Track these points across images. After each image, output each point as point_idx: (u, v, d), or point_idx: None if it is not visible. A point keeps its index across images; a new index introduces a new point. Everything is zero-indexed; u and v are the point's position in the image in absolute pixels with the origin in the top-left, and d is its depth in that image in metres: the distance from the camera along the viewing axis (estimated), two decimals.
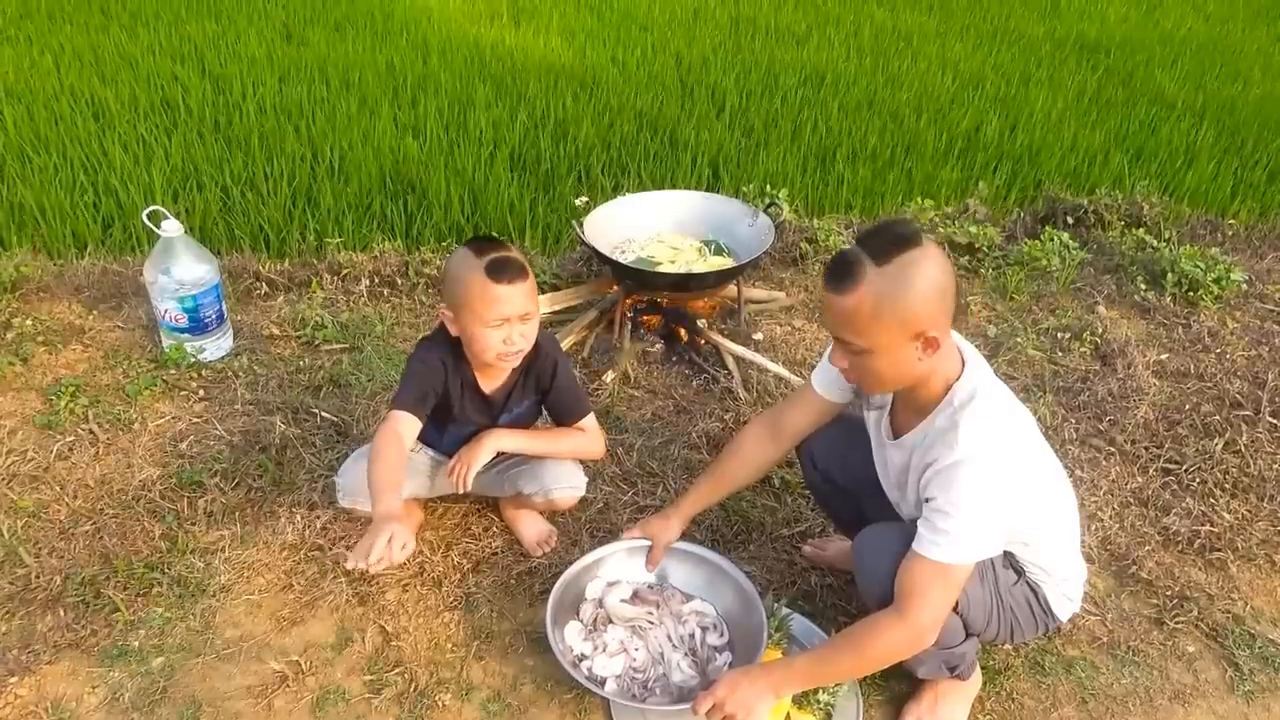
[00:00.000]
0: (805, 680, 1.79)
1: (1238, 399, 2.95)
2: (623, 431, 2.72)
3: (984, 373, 1.70)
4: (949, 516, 1.59)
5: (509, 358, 1.97)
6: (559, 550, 2.34)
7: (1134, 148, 5.17)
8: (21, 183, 3.95)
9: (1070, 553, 1.88)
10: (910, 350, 1.59)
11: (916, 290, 1.53)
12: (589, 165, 4.43)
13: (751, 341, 3.16)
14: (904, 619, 1.63)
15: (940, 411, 1.67)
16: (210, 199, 3.91)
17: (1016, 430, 1.69)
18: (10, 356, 2.86)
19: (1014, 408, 1.72)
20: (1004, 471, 1.61)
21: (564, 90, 5.42)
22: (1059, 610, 1.88)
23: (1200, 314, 3.46)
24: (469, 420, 2.12)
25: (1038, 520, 1.77)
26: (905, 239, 1.54)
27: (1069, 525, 1.87)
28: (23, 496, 2.38)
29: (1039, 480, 1.77)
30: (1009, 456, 1.63)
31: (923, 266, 1.53)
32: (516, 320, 1.91)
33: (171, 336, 2.88)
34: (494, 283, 1.85)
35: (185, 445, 2.58)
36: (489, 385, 2.09)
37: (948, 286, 1.57)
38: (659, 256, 3.12)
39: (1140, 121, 5.62)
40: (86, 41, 6.00)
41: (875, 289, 1.53)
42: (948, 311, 1.59)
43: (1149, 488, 2.64)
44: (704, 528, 2.41)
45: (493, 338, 1.91)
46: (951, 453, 1.60)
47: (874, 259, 1.53)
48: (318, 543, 2.31)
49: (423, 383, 2.01)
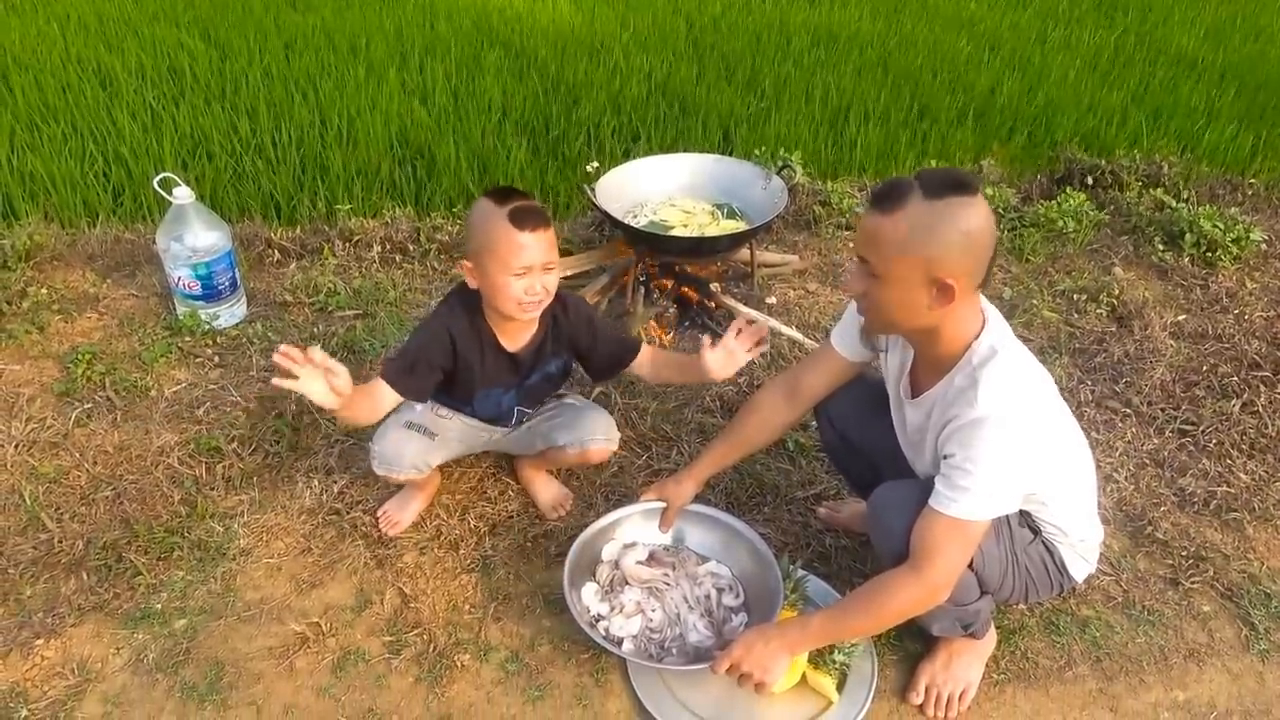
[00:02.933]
0: (821, 638, 1.80)
1: (1256, 360, 2.93)
2: (636, 396, 2.72)
3: (1004, 332, 1.68)
4: (968, 473, 1.59)
5: (530, 307, 1.93)
6: (574, 513, 2.35)
7: (1152, 107, 5.10)
8: (31, 152, 3.95)
9: (1087, 514, 1.88)
10: (922, 294, 1.57)
11: (952, 234, 1.51)
12: (599, 130, 4.40)
13: (765, 305, 3.14)
14: (919, 575, 1.64)
15: (959, 370, 1.66)
16: (220, 167, 3.91)
17: (1037, 389, 1.67)
18: (27, 325, 2.88)
19: (1034, 367, 1.71)
20: (1024, 429, 1.60)
21: (573, 54, 5.37)
22: (1074, 570, 1.88)
23: (1219, 274, 3.43)
24: (497, 381, 2.09)
25: (1055, 480, 1.77)
26: (962, 184, 1.53)
27: (1086, 486, 1.87)
28: (43, 463, 2.40)
29: (1058, 440, 1.76)
30: (1029, 414, 1.62)
31: (968, 215, 1.52)
32: (539, 269, 1.88)
33: (185, 304, 2.89)
34: (517, 230, 1.83)
35: (202, 411, 2.59)
36: (513, 343, 2.05)
37: (984, 245, 1.55)
38: (671, 220, 3.11)
39: (1160, 80, 5.53)
40: (92, 9, 5.96)
41: (914, 217, 1.52)
42: (975, 269, 1.57)
43: (1165, 449, 2.63)
44: (718, 491, 2.42)
45: (515, 287, 1.87)
46: (972, 409, 1.59)
47: (924, 191, 1.52)
48: (335, 507, 2.32)
49: (417, 354, 1.98)
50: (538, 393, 2.22)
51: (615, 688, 1.95)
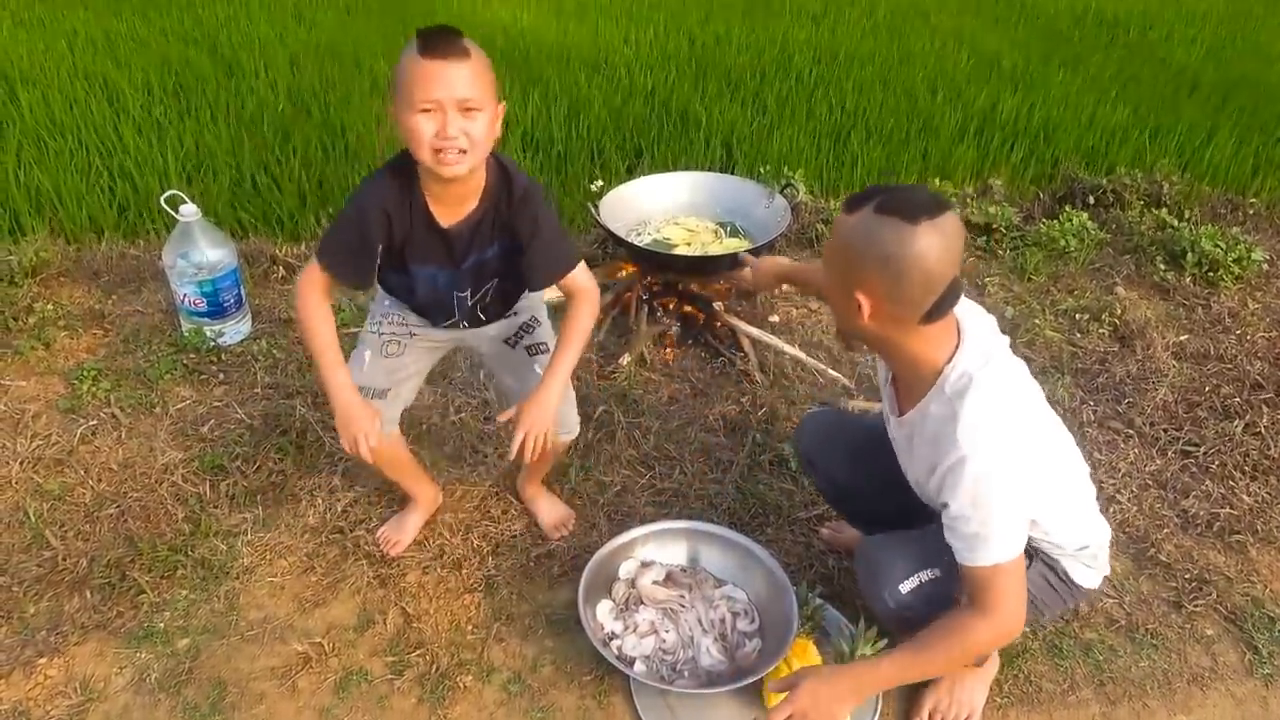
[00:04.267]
0: (891, 682, 1.74)
1: (1259, 380, 2.93)
2: (639, 414, 2.73)
3: (982, 352, 1.62)
4: (969, 520, 1.56)
5: (448, 158, 1.64)
6: (577, 533, 2.35)
7: (1153, 125, 5.12)
8: (38, 167, 3.97)
9: (1083, 522, 1.82)
10: (848, 302, 1.55)
11: (875, 252, 1.47)
12: (602, 146, 4.42)
13: (768, 323, 3.15)
14: (990, 617, 1.59)
15: (933, 398, 1.62)
16: (224, 182, 3.92)
17: (1018, 414, 1.62)
18: (33, 341, 2.89)
19: (1015, 389, 1.65)
20: (1008, 462, 1.56)
21: (577, 70, 5.40)
22: (1082, 580, 1.85)
23: (1220, 294, 3.43)
24: (428, 262, 1.85)
25: (1046, 499, 1.72)
26: (910, 208, 1.46)
27: (1079, 495, 1.82)
28: (48, 480, 2.41)
29: (1047, 460, 1.72)
30: (1011, 445, 1.57)
31: (899, 239, 1.45)
32: (452, 108, 1.60)
33: (190, 320, 2.90)
34: (423, 57, 1.59)
35: (206, 429, 2.60)
36: (446, 217, 1.79)
37: (915, 276, 1.47)
38: (675, 238, 3.12)
39: (1161, 98, 5.56)
40: (99, 25, 6.00)
41: (851, 228, 1.51)
42: (903, 297, 1.50)
43: (1168, 470, 2.63)
44: (721, 510, 2.42)
45: (424, 127, 1.61)
46: (955, 449, 1.55)
47: (878, 207, 1.48)
48: (339, 525, 2.33)
49: (346, 230, 1.79)
50: (479, 280, 1.92)
51: (618, 710, 1.95)
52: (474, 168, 1.70)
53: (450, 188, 1.75)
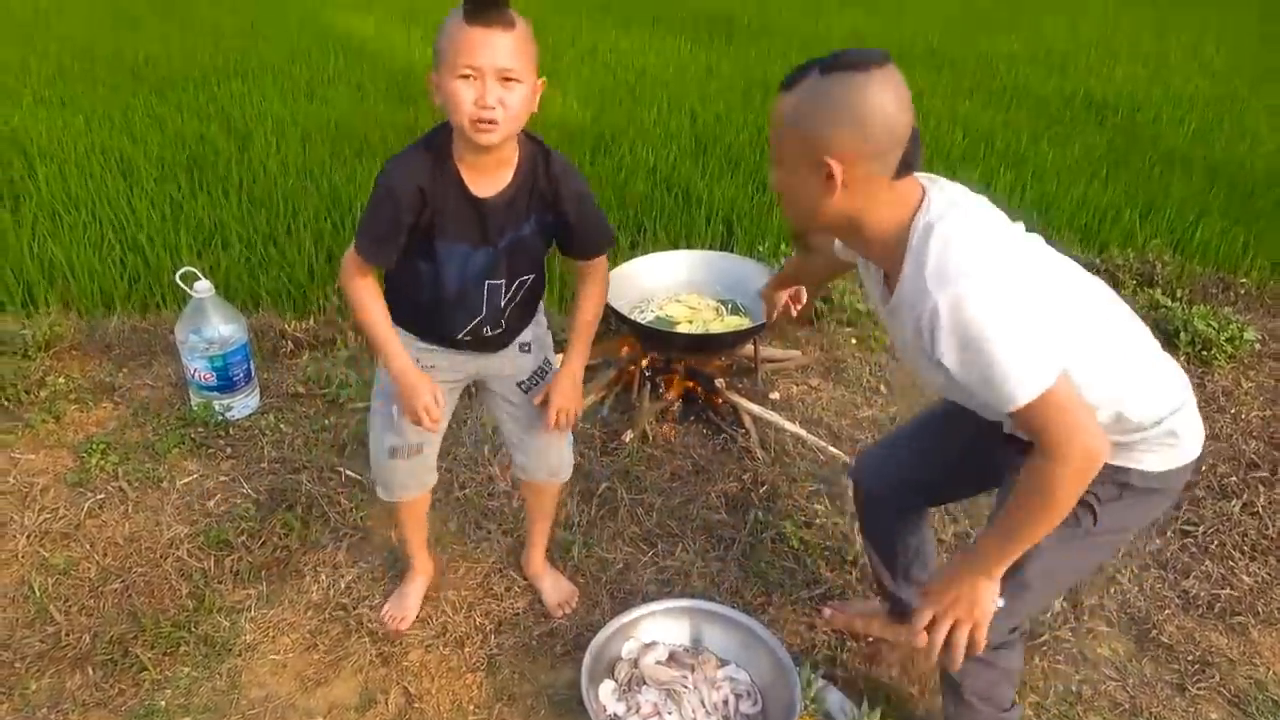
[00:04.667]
0: (1008, 553, 1.57)
1: (1254, 460, 2.96)
2: (642, 491, 2.75)
3: (944, 200, 1.50)
4: (974, 367, 1.42)
5: (484, 127, 1.63)
6: (579, 611, 2.36)
7: (1144, 203, 5.23)
8: (52, 240, 4.05)
9: (1138, 380, 1.58)
10: (812, 179, 1.45)
11: (835, 110, 1.40)
12: None
13: (768, 400, 3.19)
14: (1055, 458, 1.44)
15: (907, 261, 1.48)
16: (235, 256, 4.00)
17: (990, 245, 1.47)
18: (43, 414, 2.92)
19: (984, 223, 1.52)
20: (986, 287, 1.41)
21: (581, 146, 5.53)
22: (1169, 464, 1.62)
23: (1215, 373, 3.48)
24: (460, 239, 1.79)
25: (1069, 342, 1.49)
26: (853, 63, 1.40)
27: (1127, 347, 1.60)
28: (54, 554, 2.42)
29: (1053, 294, 1.52)
30: (986, 272, 1.42)
31: (858, 89, 1.39)
32: (492, 76, 1.59)
33: (200, 394, 2.94)
34: (467, 23, 1.58)
35: (213, 503, 2.62)
36: (481, 187, 1.76)
37: (879, 123, 1.40)
38: (677, 316, 3.17)
39: (1151, 178, 5.69)
40: (117, 102, 6.18)
41: (800, 96, 1.43)
42: (871, 150, 1.42)
43: (1167, 550, 2.65)
44: (724, 589, 2.43)
45: (463, 93, 1.60)
46: (926, 298, 1.41)
47: (821, 69, 1.42)
48: (342, 602, 2.33)
49: (383, 212, 1.75)
50: (513, 266, 1.87)
51: None
52: (506, 138, 1.68)
53: (485, 157, 1.72)
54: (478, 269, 1.83)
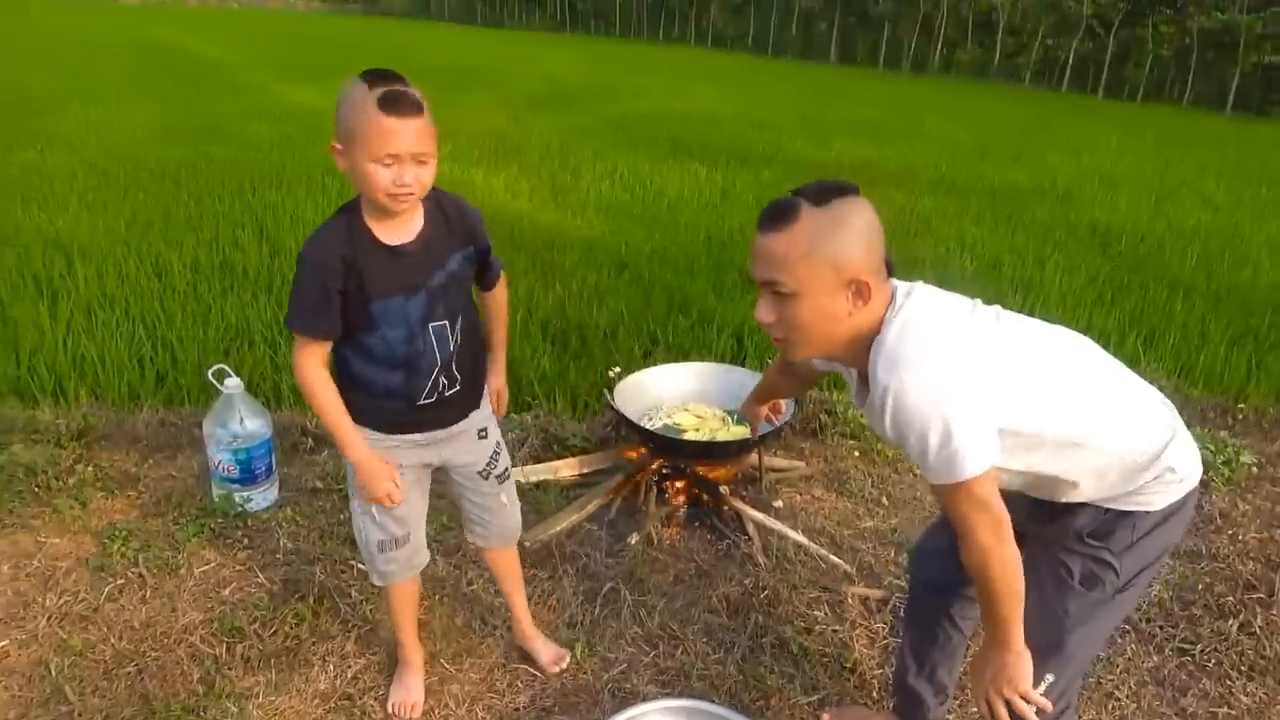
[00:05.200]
0: (1011, 620, 1.66)
1: (1251, 581, 3.00)
2: (645, 593, 2.81)
3: (902, 290, 1.66)
4: (909, 445, 1.55)
5: (400, 200, 1.80)
6: (580, 711, 2.39)
7: (1147, 329, 5.36)
8: (86, 336, 4.24)
9: (1136, 419, 1.69)
10: (841, 299, 1.59)
11: (852, 232, 1.56)
12: (619, 335, 4.68)
13: (772, 509, 3.27)
14: (965, 544, 1.61)
15: (873, 352, 1.62)
16: (260, 355, 4.16)
17: (934, 329, 1.60)
18: (71, 501, 3.03)
19: (931, 306, 1.65)
20: (923, 376, 1.53)
21: (599, 263, 5.76)
22: (1169, 499, 1.71)
23: (1212, 495, 3.54)
24: (394, 289, 1.89)
25: (1058, 408, 1.63)
26: (843, 188, 1.58)
27: (1109, 394, 1.71)
28: (72, 635, 2.49)
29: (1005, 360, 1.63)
30: (928, 359, 1.55)
31: (857, 211, 1.57)
32: (409, 160, 1.76)
33: (222, 486, 3.05)
34: (385, 115, 1.72)
35: (228, 591, 2.69)
36: (396, 237, 1.89)
37: (878, 234, 1.59)
38: (684, 424, 3.29)
39: (1154, 305, 5.84)
40: (157, 208, 6.50)
41: (811, 227, 1.55)
42: (877, 262, 1.60)
43: (1165, 667, 2.67)
44: (723, 691, 2.46)
45: (381, 175, 1.76)
46: (877, 385, 1.56)
47: (812, 201, 1.57)
48: (348, 692, 2.38)
49: (310, 283, 1.85)
50: (449, 303, 1.98)
51: None
52: (417, 202, 1.89)
53: (397, 215, 1.88)
54: (418, 314, 1.94)
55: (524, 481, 3.28)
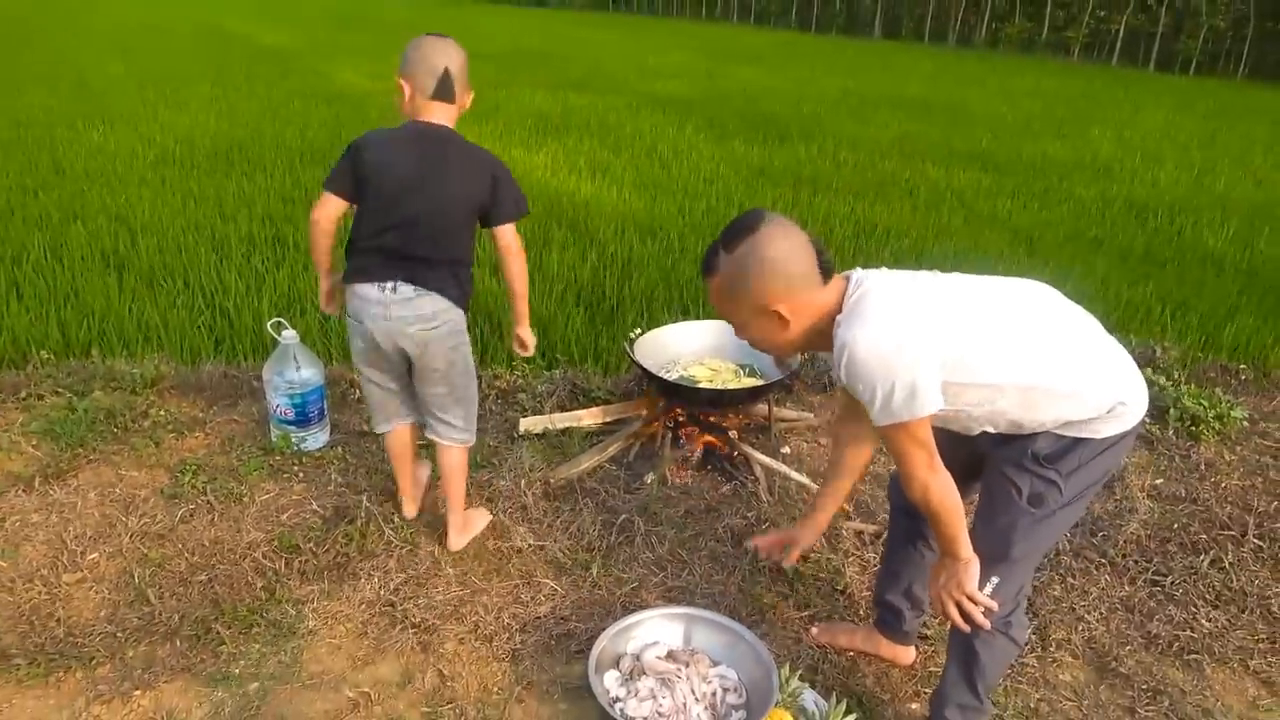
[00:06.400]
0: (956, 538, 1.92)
1: (1226, 521, 3.19)
2: (657, 524, 3.09)
3: (855, 278, 1.87)
4: (862, 389, 1.76)
5: None
6: (594, 618, 2.68)
7: (1176, 301, 5.43)
8: (150, 304, 4.59)
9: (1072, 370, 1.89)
10: (773, 321, 1.83)
11: (760, 270, 1.77)
12: (651, 303, 4.93)
13: (779, 454, 3.53)
14: (905, 482, 1.87)
15: (836, 326, 1.84)
16: (310, 321, 4.49)
17: (886, 297, 1.80)
18: (146, 440, 3.40)
19: (883, 282, 1.85)
20: (873, 333, 1.74)
21: (632, 235, 6.02)
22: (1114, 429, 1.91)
23: (1201, 447, 3.72)
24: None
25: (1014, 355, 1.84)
26: (746, 227, 1.79)
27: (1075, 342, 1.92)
28: (152, 550, 2.85)
29: (954, 315, 1.84)
30: (877, 319, 1.76)
31: (764, 244, 1.77)
32: None
33: (279, 428, 3.38)
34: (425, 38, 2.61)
35: (286, 516, 3.03)
36: None
37: (789, 262, 1.78)
38: (699, 376, 3.55)
39: (1186, 278, 5.90)
40: (213, 185, 6.87)
41: (726, 273, 1.81)
42: (795, 283, 1.79)
43: (1135, 596, 2.89)
44: (723, 607, 2.74)
45: None
46: (836, 344, 1.78)
47: (725, 247, 1.81)
48: (390, 600, 2.70)
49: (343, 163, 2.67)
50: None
51: None
52: None
53: None
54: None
55: (551, 428, 3.58)
